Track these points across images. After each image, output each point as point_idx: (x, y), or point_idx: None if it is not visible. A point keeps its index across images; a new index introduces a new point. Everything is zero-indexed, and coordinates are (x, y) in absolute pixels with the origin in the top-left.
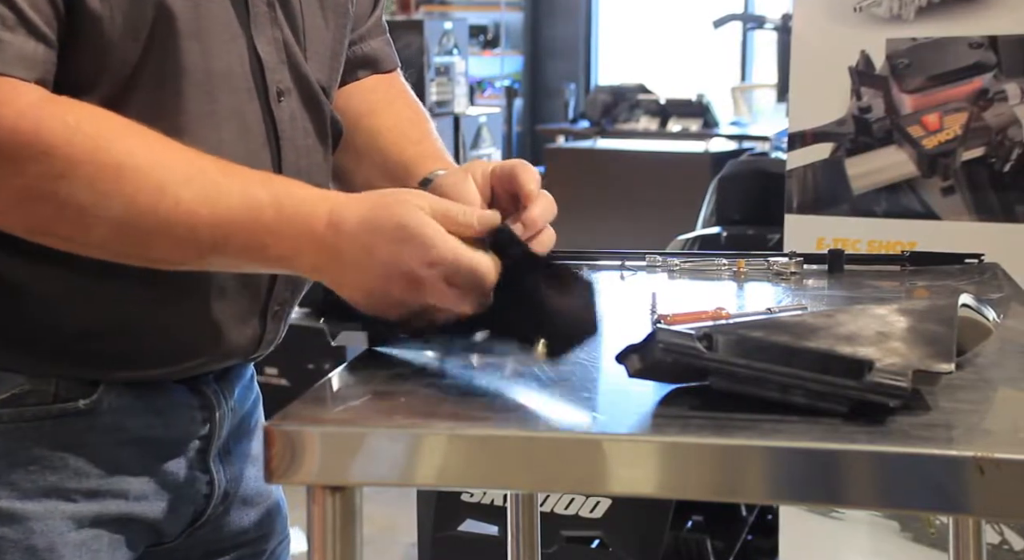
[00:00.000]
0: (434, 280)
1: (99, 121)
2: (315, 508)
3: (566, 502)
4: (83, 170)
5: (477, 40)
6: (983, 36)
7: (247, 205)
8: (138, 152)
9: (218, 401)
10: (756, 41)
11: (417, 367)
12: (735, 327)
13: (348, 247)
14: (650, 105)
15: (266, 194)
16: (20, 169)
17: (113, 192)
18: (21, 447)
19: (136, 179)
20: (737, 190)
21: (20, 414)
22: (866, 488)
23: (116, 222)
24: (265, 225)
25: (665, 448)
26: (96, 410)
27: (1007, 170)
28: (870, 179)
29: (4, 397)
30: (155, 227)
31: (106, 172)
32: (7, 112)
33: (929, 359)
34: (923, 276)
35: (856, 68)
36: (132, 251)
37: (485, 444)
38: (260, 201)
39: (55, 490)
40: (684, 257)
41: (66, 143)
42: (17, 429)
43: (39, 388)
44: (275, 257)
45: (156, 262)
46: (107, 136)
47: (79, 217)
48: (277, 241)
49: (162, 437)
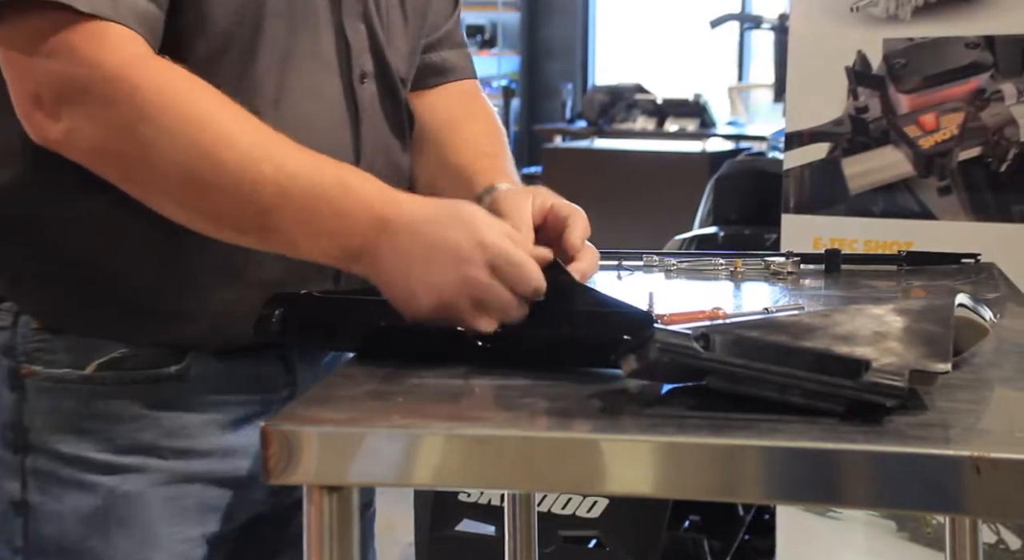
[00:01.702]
0: (479, 264)
1: (194, 83)
2: (312, 508)
3: (563, 502)
4: (167, 117)
5: (474, 40)
6: (980, 36)
7: (312, 173)
8: (220, 114)
9: (300, 365)
10: (753, 41)
11: (414, 367)
12: (732, 327)
13: (400, 229)
14: (647, 105)
15: (334, 170)
16: (112, 109)
17: (189, 141)
18: (119, 406)
19: (213, 133)
20: (734, 190)
21: (119, 377)
22: (863, 488)
23: (186, 168)
24: (324, 194)
25: (662, 448)
26: (185, 376)
27: (1003, 170)
28: (867, 179)
29: (105, 360)
30: (220, 176)
31: (187, 123)
32: (114, 58)
33: (926, 359)
34: (920, 276)
35: (853, 68)
36: (194, 200)
37: (482, 444)
38: (326, 173)
39: (149, 447)
40: (681, 257)
41: (158, 92)
42: (117, 390)
43: (136, 353)
44: (325, 231)
45: (214, 219)
46: (196, 95)
47: (155, 160)
48: (332, 212)
49: (248, 401)
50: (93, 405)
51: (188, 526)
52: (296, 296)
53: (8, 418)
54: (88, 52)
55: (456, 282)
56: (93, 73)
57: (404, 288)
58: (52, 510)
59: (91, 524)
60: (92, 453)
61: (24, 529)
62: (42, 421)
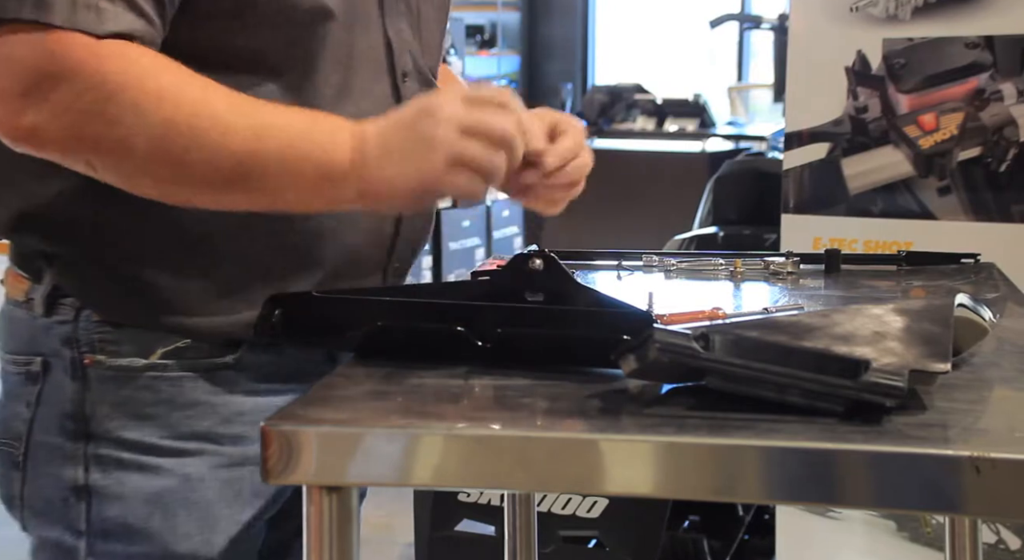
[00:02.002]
0: (448, 133)
1: (159, 62)
2: (312, 508)
3: (563, 502)
4: (129, 94)
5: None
6: (979, 36)
7: (281, 115)
8: (186, 85)
9: (342, 357)
10: (753, 41)
11: (414, 367)
12: (732, 327)
13: (371, 132)
14: (647, 105)
15: (299, 111)
16: (78, 94)
17: (152, 111)
18: (180, 393)
19: (176, 101)
20: (734, 190)
21: (181, 365)
22: (862, 488)
23: (154, 138)
24: (299, 129)
25: (662, 448)
26: (239, 365)
27: (1003, 170)
28: (866, 179)
29: (168, 350)
30: (190, 139)
31: (149, 96)
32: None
33: (925, 359)
34: (919, 276)
35: (852, 68)
36: (169, 170)
37: (482, 444)
38: (293, 112)
39: (207, 434)
40: (681, 257)
41: (120, 71)
42: (179, 378)
43: (195, 345)
44: (311, 158)
45: (194, 182)
46: (159, 71)
47: (123, 136)
48: (311, 139)
49: (295, 387)
50: (155, 392)
51: (241, 509)
52: (296, 296)
53: (69, 408)
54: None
55: (435, 160)
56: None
57: (395, 191)
58: (115, 492)
59: (154, 504)
60: (154, 438)
61: (87, 512)
62: (105, 409)
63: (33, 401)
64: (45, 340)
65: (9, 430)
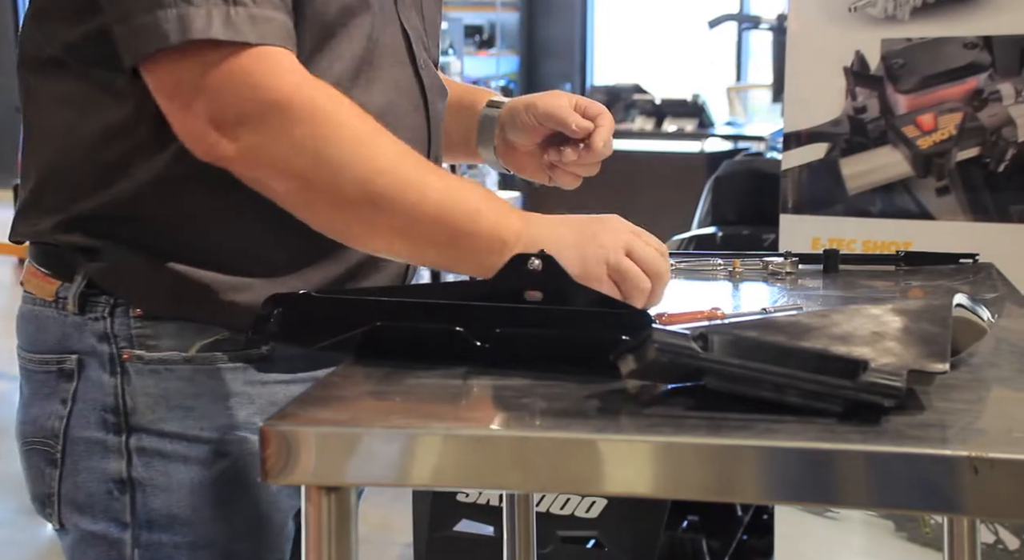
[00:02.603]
0: (618, 245)
1: (352, 105)
2: (311, 508)
3: (562, 502)
4: (346, 132)
5: (473, 40)
6: (978, 36)
7: (463, 187)
8: (380, 135)
9: None
10: (751, 41)
11: (413, 367)
12: (730, 327)
13: (542, 220)
14: (646, 105)
15: (473, 187)
16: (295, 130)
17: (367, 159)
18: (219, 385)
19: (380, 152)
20: (733, 190)
21: (219, 357)
22: (861, 488)
23: (362, 180)
24: (480, 196)
25: (660, 448)
26: (272, 356)
27: (1001, 170)
28: (865, 179)
29: (208, 342)
30: (392, 186)
31: (362, 144)
32: (287, 81)
33: (924, 359)
34: (918, 276)
35: (851, 68)
36: (367, 215)
37: (481, 444)
38: (470, 189)
39: (244, 424)
40: (680, 257)
41: (335, 111)
42: (217, 370)
43: (233, 337)
44: (486, 228)
45: (384, 233)
46: (357, 112)
47: (336, 176)
48: (486, 214)
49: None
50: (195, 384)
51: (281, 498)
52: (295, 296)
53: (109, 402)
54: (263, 78)
55: (598, 257)
56: (271, 96)
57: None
58: (160, 484)
59: (198, 494)
60: (195, 430)
61: (132, 504)
62: (145, 402)
63: (69, 398)
64: (79, 337)
65: (43, 429)
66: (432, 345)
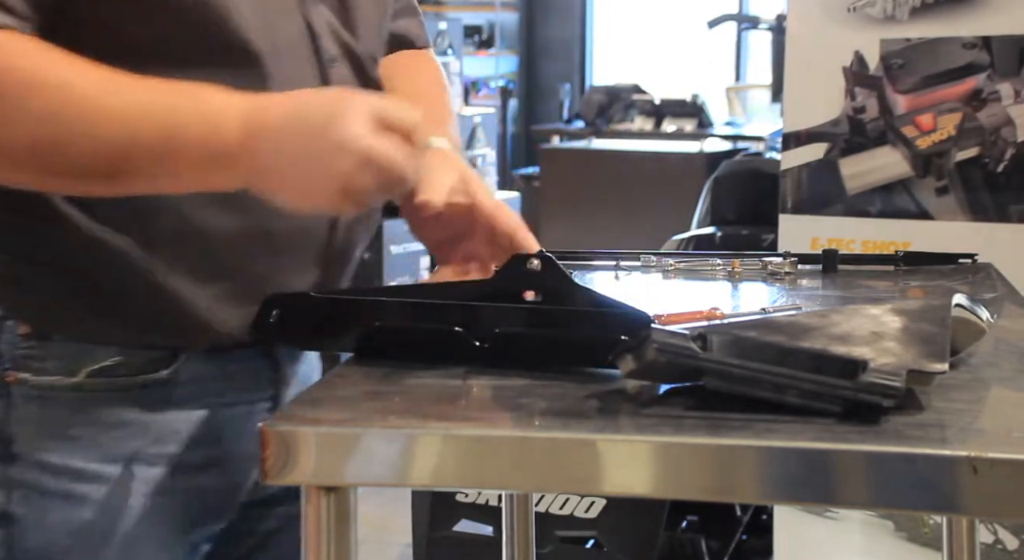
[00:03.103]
0: (351, 156)
1: (35, 48)
2: (310, 508)
3: (561, 502)
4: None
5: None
6: (977, 37)
7: (161, 92)
8: (53, 67)
9: (285, 362)
10: (751, 41)
11: (412, 368)
12: (729, 327)
13: (269, 121)
14: (645, 105)
15: (184, 90)
16: None
17: (28, 96)
18: (110, 414)
19: (48, 84)
20: (732, 190)
21: (110, 384)
22: (860, 488)
23: (34, 122)
24: (183, 110)
25: (659, 448)
26: (175, 380)
27: (1000, 170)
28: (864, 179)
29: (97, 367)
30: (70, 121)
31: (20, 85)
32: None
33: (923, 359)
34: (917, 276)
35: (850, 68)
36: (54, 157)
37: (480, 444)
38: (176, 91)
39: (138, 455)
40: (679, 257)
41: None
42: (108, 397)
43: (128, 360)
44: (196, 143)
45: (81, 171)
46: (33, 58)
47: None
48: (196, 122)
49: (235, 401)
50: (83, 413)
51: (175, 533)
52: (294, 296)
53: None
54: None
55: (328, 185)
56: None
57: (282, 193)
58: (37, 522)
59: (77, 537)
60: (80, 462)
61: (8, 541)
62: (29, 430)
63: None
64: None
65: None
66: (431, 345)
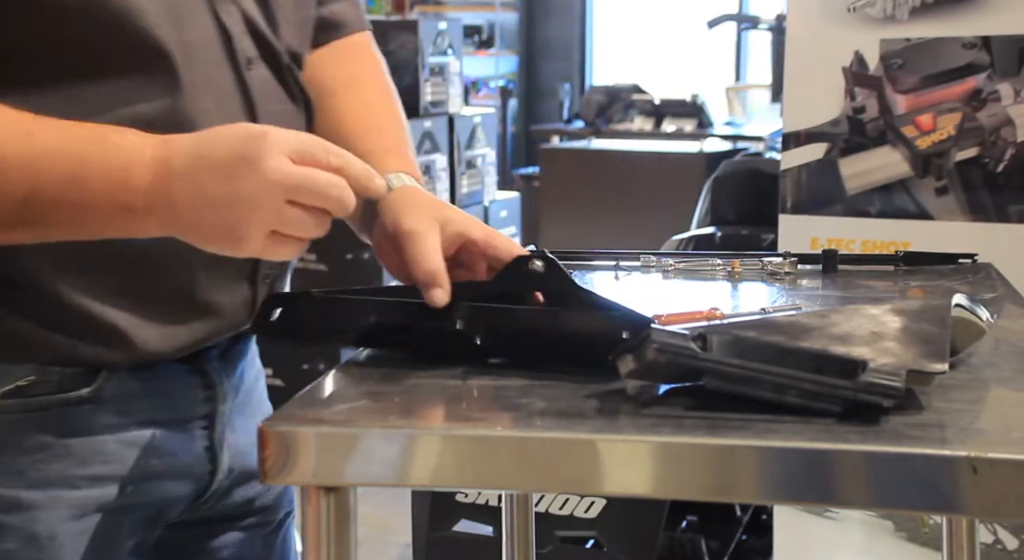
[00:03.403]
0: (275, 194)
1: None
2: (309, 508)
3: (561, 502)
4: None
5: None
6: (976, 36)
7: (70, 139)
8: None
9: (220, 379)
10: (750, 41)
11: (411, 368)
12: (729, 327)
13: (179, 167)
14: (645, 105)
15: (88, 131)
16: None
17: None
18: (27, 436)
19: None
20: (732, 190)
21: (26, 404)
22: (860, 488)
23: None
24: (88, 154)
25: (659, 448)
26: (99, 397)
27: (1000, 170)
28: (864, 179)
29: (9, 388)
30: None
31: None
32: None
33: (923, 359)
34: (917, 276)
35: (850, 68)
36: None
37: (480, 444)
38: (86, 134)
39: (60, 478)
40: (679, 257)
41: None
42: (23, 419)
43: (44, 379)
44: (101, 190)
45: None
46: None
47: None
48: (107, 162)
49: (166, 419)
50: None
51: (106, 552)
52: (294, 295)
53: None
54: None
55: (253, 231)
56: None
57: (212, 239)
58: None
59: None
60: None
61: None
62: None
63: None
64: None
65: None
66: (430, 344)
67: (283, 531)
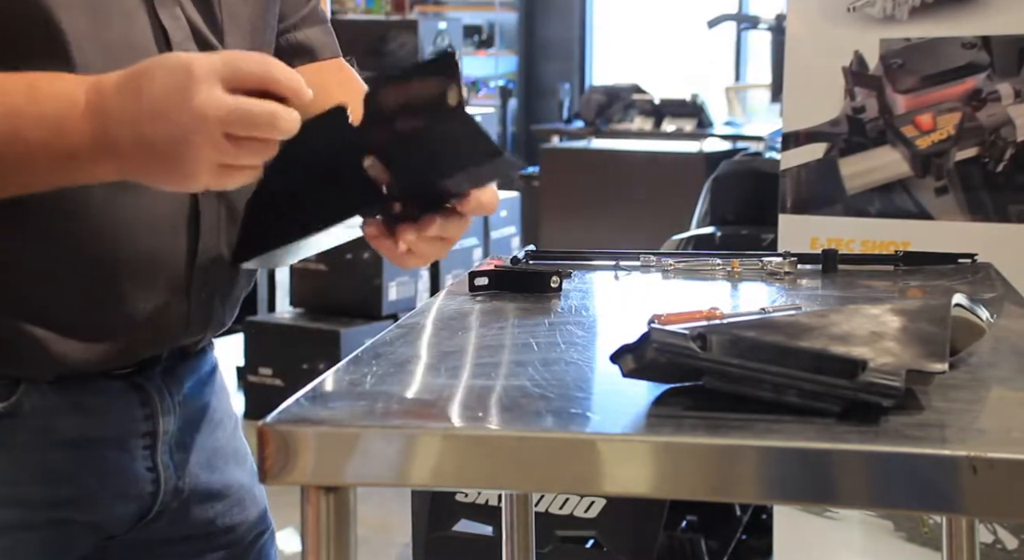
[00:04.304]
0: (212, 131)
1: None
2: (309, 509)
3: (560, 502)
4: None
5: (471, 40)
6: (976, 36)
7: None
8: None
9: (161, 395)
10: (750, 41)
11: (411, 367)
12: (729, 327)
13: (114, 112)
14: (645, 105)
15: (18, 83)
16: None
17: None
18: None
19: None
20: (731, 190)
21: None
22: (860, 488)
23: None
24: (20, 110)
25: (659, 448)
26: (18, 412)
27: (1000, 170)
28: (864, 179)
29: None
30: None
31: None
32: None
33: (922, 359)
34: (917, 276)
35: (850, 68)
36: None
37: (479, 444)
38: (11, 89)
39: None
40: (678, 257)
41: None
42: None
43: None
44: (39, 135)
45: None
46: None
47: None
48: (39, 113)
49: (98, 436)
50: None
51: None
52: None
53: None
54: None
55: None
56: None
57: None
58: None
59: None
60: None
61: None
62: None
63: None
64: None
65: None
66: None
67: (256, 550)
